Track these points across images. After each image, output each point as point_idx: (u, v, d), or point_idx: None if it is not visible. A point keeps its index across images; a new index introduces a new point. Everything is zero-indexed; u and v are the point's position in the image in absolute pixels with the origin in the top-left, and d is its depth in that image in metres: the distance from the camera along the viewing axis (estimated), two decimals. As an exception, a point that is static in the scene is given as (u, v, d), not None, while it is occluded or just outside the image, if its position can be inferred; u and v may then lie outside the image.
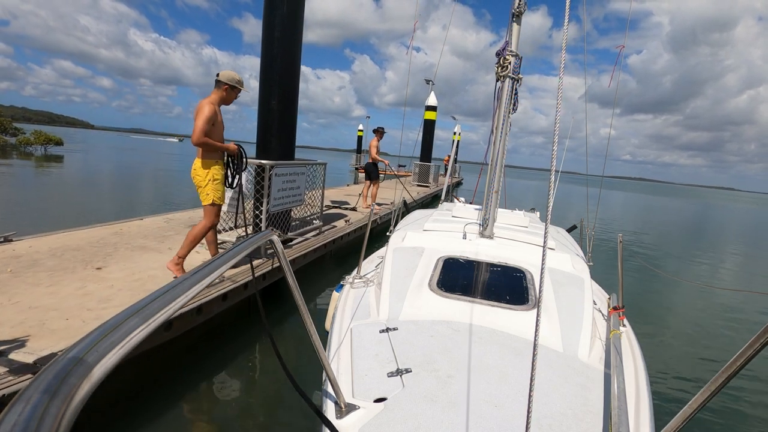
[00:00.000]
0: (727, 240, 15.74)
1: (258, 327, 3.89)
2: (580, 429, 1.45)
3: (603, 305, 2.95)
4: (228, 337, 3.60)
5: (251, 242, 1.15)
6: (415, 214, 4.19)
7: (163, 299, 0.65)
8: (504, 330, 2.09)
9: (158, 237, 4.78)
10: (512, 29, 3.14)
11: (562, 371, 1.80)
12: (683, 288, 7.50)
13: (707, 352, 4.50)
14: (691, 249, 12.18)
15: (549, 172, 1.23)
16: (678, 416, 1.02)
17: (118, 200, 11.19)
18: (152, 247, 4.35)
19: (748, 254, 12.72)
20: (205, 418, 2.63)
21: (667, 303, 6.44)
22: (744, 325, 5.74)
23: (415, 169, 17.46)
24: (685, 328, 5.26)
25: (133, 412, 2.54)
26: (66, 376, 0.43)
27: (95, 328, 0.53)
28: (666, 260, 10.20)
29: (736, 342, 4.98)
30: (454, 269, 2.65)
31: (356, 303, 2.49)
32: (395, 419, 1.40)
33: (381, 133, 8.67)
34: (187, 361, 3.13)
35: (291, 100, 5.09)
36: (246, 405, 2.78)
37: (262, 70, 4.91)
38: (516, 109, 3.31)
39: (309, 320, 1.45)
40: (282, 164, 4.67)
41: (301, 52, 5.11)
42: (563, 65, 1.18)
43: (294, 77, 5.07)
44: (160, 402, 2.66)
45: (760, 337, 0.87)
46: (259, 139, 5.07)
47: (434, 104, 18.19)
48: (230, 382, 3.02)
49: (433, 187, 16.40)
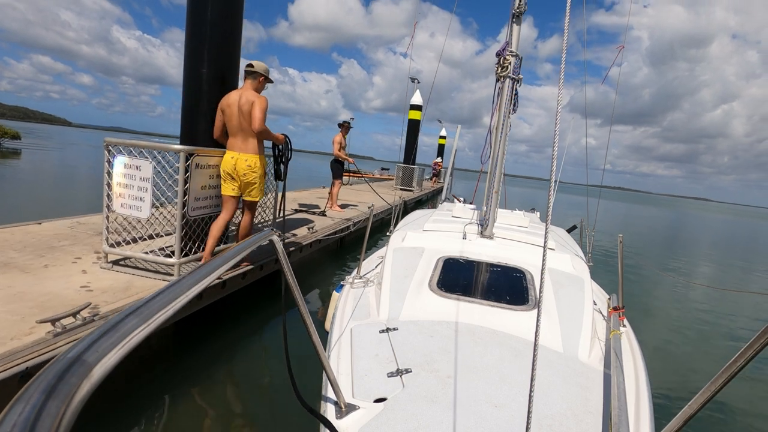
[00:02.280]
0: (717, 249, 15.78)
1: (252, 322, 3.89)
2: (580, 429, 1.45)
3: (603, 305, 2.95)
4: (224, 329, 3.60)
5: (251, 242, 1.15)
6: (415, 214, 4.19)
7: (163, 299, 0.65)
8: (504, 330, 2.09)
9: (41, 249, 3.59)
10: (512, 29, 3.15)
11: (562, 371, 1.80)
12: (683, 288, 7.50)
13: (707, 352, 4.50)
14: (679, 256, 12.19)
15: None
16: (678, 416, 1.02)
17: (49, 199, 10.04)
18: (20, 263, 3.19)
19: (736, 264, 12.74)
20: (200, 417, 2.62)
21: (667, 303, 6.44)
22: (744, 325, 5.74)
23: (398, 173, 15.96)
24: (685, 329, 5.26)
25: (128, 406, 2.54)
26: (66, 376, 0.43)
27: (95, 328, 0.53)
28: (660, 264, 10.21)
29: (736, 342, 4.99)
30: (454, 269, 2.65)
31: (356, 303, 2.49)
32: (395, 419, 1.40)
33: (347, 128, 7.87)
34: (176, 357, 3.13)
35: (229, 66, 3.72)
36: (245, 405, 2.78)
37: (189, 25, 3.55)
38: (516, 110, 3.32)
39: (309, 320, 1.45)
40: (207, 152, 3.42)
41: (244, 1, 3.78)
42: (563, 65, 1.17)
43: (233, 34, 3.69)
44: (143, 399, 2.66)
45: (760, 337, 0.87)
46: (183, 120, 3.72)
47: (419, 103, 17.14)
48: (228, 380, 3.02)
49: (417, 191, 15.30)
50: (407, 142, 17.36)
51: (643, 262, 8.70)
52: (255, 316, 4.06)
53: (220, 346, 3.40)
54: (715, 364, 4.16)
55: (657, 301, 6.51)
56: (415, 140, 17.14)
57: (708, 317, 5.88)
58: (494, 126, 3.26)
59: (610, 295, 3.11)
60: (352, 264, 5.97)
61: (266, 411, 2.77)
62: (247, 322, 3.90)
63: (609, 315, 2.59)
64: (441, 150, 30.74)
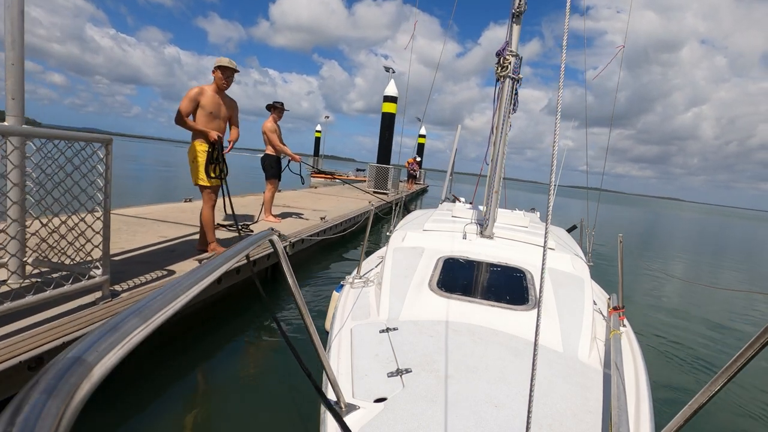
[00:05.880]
0: (707, 247, 15.88)
1: (254, 315, 3.89)
2: (580, 429, 1.45)
3: (603, 305, 2.96)
4: (223, 321, 3.60)
5: (251, 242, 1.15)
6: (415, 213, 4.19)
7: (163, 299, 0.65)
8: (504, 330, 2.09)
9: None
10: (512, 29, 3.15)
11: (562, 371, 1.80)
12: (683, 288, 7.51)
13: (707, 352, 4.50)
14: (673, 256, 12.25)
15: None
16: (678, 416, 1.02)
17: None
18: None
19: (728, 263, 12.76)
20: (199, 415, 2.62)
21: (667, 303, 6.44)
22: (744, 325, 5.74)
23: (370, 173, 13.95)
24: (685, 328, 5.26)
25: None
26: (66, 376, 0.43)
27: (95, 328, 0.53)
28: (657, 264, 10.21)
29: (736, 342, 4.99)
30: (454, 269, 2.65)
31: (356, 303, 2.49)
32: (395, 419, 1.40)
33: (280, 111, 6.00)
34: (173, 354, 3.12)
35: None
36: (243, 405, 2.78)
37: None
38: (516, 109, 3.32)
39: (309, 320, 1.45)
40: None
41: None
42: (563, 65, 1.17)
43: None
44: (142, 397, 2.66)
45: (760, 337, 0.87)
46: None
47: (394, 94, 14.80)
48: (227, 377, 3.02)
49: (393, 194, 13.05)
50: (381, 138, 15.03)
51: (644, 262, 8.70)
52: (241, 316, 4.06)
53: (210, 347, 3.40)
54: (715, 364, 4.16)
55: (657, 300, 6.51)
56: (390, 136, 15.06)
57: (708, 317, 5.88)
58: (495, 126, 3.27)
59: (610, 295, 3.11)
60: (352, 264, 5.97)
61: (265, 407, 2.77)
62: (244, 318, 3.90)
63: (609, 315, 2.59)
64: (421, 150, 28.32)
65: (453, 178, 6.21)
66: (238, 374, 3.12)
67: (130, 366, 2.82)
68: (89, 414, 2.32)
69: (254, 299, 4.42)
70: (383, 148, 14.97)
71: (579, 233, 5.33)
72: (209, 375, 3.02)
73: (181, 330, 3.39)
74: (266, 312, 4.20)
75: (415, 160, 20.04)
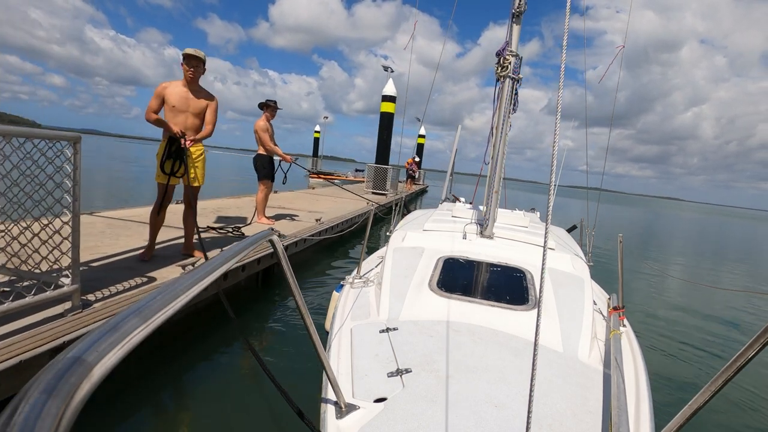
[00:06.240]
0: (708, 247, 15.87)
1: (255, 322, 3.89)
2: (580, 429, 1.45)
3: (603, 305, 2.95)
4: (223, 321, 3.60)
5: (251, 242, 1.15)
6: (415, 214, 4.19)
7: (163, 299, 0.65)
8: (504, 330, 2.09)
9: None
10: (512, 29, 3.15)
11: (562, 371, 1.80)
12: (683, 288, 7.51)
13: (707, 352, 4.50)
14: (675, 255, 12.25)
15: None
16: (678, 416, 1.02)
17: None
18: None
19: (729, 263, 12.76)
20: (199, 415, 2.62)
21: (667, 303, 6.44)
22: (744, 325, 5.74)
23: (369, 173, 14.02)
24: (685, 328, 5.26)
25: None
26: (66, 376, 0.43)
27: (95, 328, 0.53)
28: (657, 263, 10.21)
29: (736, 342, 4.99)
30: (454, 269, 2.65)
31: (356, 303, 2.49)
32: (395, 419, 1.40)
33: (273, 109, 5.82)
34: (173, 354, 3.12)
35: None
36: (243, 405, 2.78)
37: None
38: (516, 109, 3.32)
39: (309, 320, 1.45)
40: None
41: None
42: (563, 66, 1.17)
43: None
44: (137, 401, 2.66)
45: (760, 337, 0.87)
46: None
47: (392, 94, 14.68)
48: (228, 377, 3.02)
49: (392, 195, 12.95)
50: (380, 138, 15.00)
51: (644, 262, 8.70)
52: (242, 316, 4.06)
53: (204, 350, 3.40)
54: (715, 364, 4.16)
55: (657, 300, 6.51)
56: (389, 136, 14.97)
57: (708, 317, 5.88)
58: (494, 126, 3.27)
59: (610, 295, 3.11)
60: (352, 264, 5.97)
61: (260, 410, 2.77)
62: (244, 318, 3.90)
63: (609, 315, 2.59)
64: (420, 150, 28.06)
65: (453, 178, 6.20)
66: (238, 373, 3.12)
67: (130, 366, 2.82)
68: (89, 414, 2.32)
69: (254, 299, 4.42)
70: (382, 148, 14.85)
71: (579, 233, 5.33)
72: (209, 375, 3.02)
73: (181, 330, 3.39)
74: (266, 312, 4.20)
75: (414, 161, 19.89)
